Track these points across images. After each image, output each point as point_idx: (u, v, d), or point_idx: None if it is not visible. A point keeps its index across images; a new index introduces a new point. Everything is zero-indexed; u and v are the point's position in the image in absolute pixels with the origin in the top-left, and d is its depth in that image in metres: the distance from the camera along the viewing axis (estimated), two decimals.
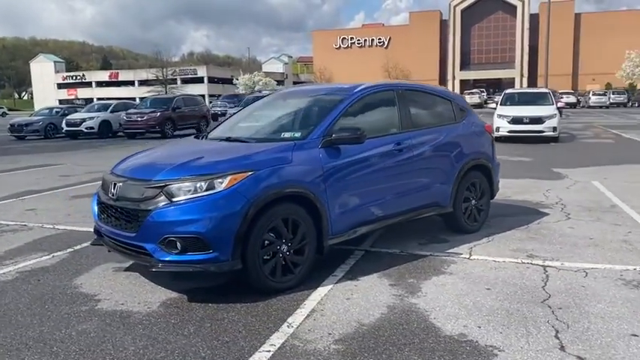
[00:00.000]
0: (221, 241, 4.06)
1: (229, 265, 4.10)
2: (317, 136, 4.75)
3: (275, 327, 3.78)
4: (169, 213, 4.07)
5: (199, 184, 4.12)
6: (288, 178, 4.41)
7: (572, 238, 6.01)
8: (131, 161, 4.96)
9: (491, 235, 6.21)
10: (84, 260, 5.43)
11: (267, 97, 6.29)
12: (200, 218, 4.03)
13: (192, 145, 5.47)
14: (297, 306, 4.15)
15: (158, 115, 22.49)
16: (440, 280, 4.70)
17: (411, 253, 5.55)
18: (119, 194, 4.37)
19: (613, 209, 7.51)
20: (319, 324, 3.82)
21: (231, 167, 4.24)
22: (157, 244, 4.11)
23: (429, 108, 5.99)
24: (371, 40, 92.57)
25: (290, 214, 4.39)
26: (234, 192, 4.11)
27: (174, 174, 4.24)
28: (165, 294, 4.44)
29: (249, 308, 4.13)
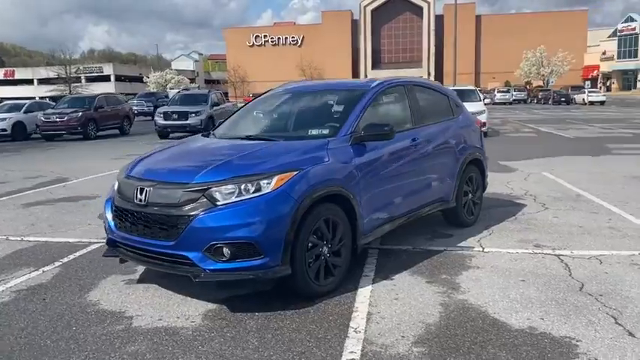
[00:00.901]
0: (272, 245, 3.81)
1: (279, 270, 3.86)
2: (346, 133, 4.60)
3: (342, 333, 3.61)
4: (216, 218, 3.76)
5: (245, 186, 3.84)
6: (329, 177, 4.23)
7: (564, 227, 6.28)
8: (151, 163, 4.55)
9: (488, 227, 6.35)
10: (82, 274, 4.92)
11: (268, 94, 6.00)
12: (251, 222, 3.76)
13: (211, 144, 5.08)
14: (350, 309, 4.00)
15: (80, 115, 21.04)
16: (472, 275, 4.72)
17: (425, 249, 5.54)
18: (150, 200, 3.98)
19: (580, 198, 7.94)
20: (385, 327, 3.69)
21: (277, 167, 3.99)
22: (202, 252, 3.78)
23: (432, 103, 6.00)
24: (284, 38, 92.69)
25: (330, 215, 4.22)
26: (283, 193, 3.88)
27: (216, 175, 3.93)
28: (201, 305, 4.11)
29: (300, 315, 3.91)
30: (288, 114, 5.49)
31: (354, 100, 4.95)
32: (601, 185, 8.95)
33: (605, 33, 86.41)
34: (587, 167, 11.21)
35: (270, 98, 5.88)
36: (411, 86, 5.65)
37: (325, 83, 6.25)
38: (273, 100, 5.83)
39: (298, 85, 5.99)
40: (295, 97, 5.73)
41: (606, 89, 77.28)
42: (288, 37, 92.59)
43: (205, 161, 4.24)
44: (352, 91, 5.24)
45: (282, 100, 5.76)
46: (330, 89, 5.71)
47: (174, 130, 20.81)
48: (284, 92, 5.84)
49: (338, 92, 5.46)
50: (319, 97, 5.54)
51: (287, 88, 5.89)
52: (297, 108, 5.53)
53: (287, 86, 6.01)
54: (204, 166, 4.07)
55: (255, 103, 5.97)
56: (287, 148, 4.37)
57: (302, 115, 5.35)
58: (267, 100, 5.88)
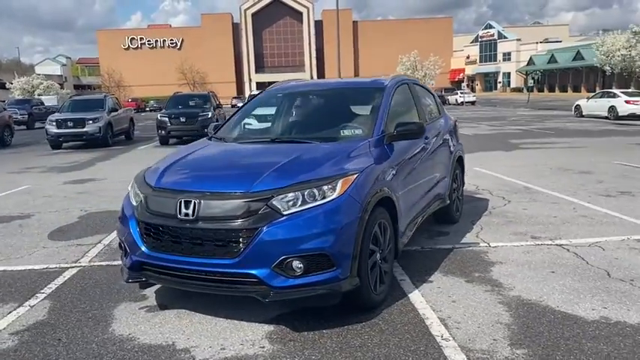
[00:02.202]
0: (343, 255, 3.52)
1: (349, 282, 3.57)
2: (379, 133, 4.41)
3: (431, 342, 3.41)
4: (286, 228, 3.38)
5: (310, 192, 3.50)
6: (381, 178, 4.02)
7: (542, 218, 6.58)
8: (187, 172, 4.00)
9: (474, 223, 6.47)
10: (83, 305, 4.22)
11: (268, 94, 5.55)
12: (322, 231, 3.43)
13: (238, 149, 4.58)
14: (418, 316, 3.81)
15: None
16: (502, 270, 4.74)
17: (433, 248, 5.50)
18: (201, 213, 3.48)
19: (530, 190, 8.41)
20: (470, 332, 3.56)
21: (339, 171, 3.69)
22: (272, 268, 3.38)
23: (427, 102, 5.99)
24: (163, 41, 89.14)
25: (382, 219, 4.00)
26: (349, 198, 3.59)
27: (277, 182, 3.53)
28: (256, 328, 3.69)
29: (372, 328, 3.65)
30: (305, 115, 5.14)
31: (376, 99, 4.77)
32: (537, 178, 9.56)
33: (468, 39, 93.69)
34: (509, 162, 11.95)
35: (273, 99, 5.47)
36: (412, 84, 5.58)
37: (330, 82, 5.94)
38: (278, 100, 5.43)
39: (300, 85, 5.66)
40: (304, 97, 5.39)
41: (471, 90, 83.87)
42: (166, 40, 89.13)
43: (253, 167, 3.82)
44: (369, 90, 5.05)
45: (290, 100, 5.40)
46: (341, 88, 5.46)
47: (69, 140, 19.02)
48: (288, 92, 5.48)
49: (352, 91, 5.24)
50: (332, 97, 5.26)
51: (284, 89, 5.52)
52: (312, 108, 5.21)
53: (284, 86, 5.64)
54: (258, 172, 3.65)
55: (254, 105, 5.51)
56: (334, 151, 4.07)
57: (322, 116, 5.04)
58: (271, 102, 5.46)
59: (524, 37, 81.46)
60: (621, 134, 18.05)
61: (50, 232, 6.64)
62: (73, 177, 11.55)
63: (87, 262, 5.36)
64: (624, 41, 37.65)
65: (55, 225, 7.02)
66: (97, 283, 4.74)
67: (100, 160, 14.66)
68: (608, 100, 26.13)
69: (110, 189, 9.76)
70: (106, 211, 7.79)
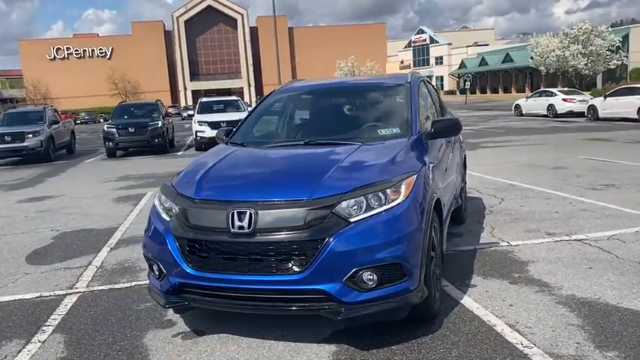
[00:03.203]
0: (414, 263, 3.23)
1: (419, 293, 3.28)
2: (417, 131, 4.16)
3: (515, 352, 3.18)
4: (357, 237, 3.06)
5: (375, 196, 3.19)
6: (430, 179, 3.76)
7: (545, 214, 6.56)
8: (231, 180, 3.58)
9: (481, 222, 6.36)
10: (104, 336, 3.70)
11: (278, 96, 5.13)
12: (393, 238, 3.13)
13: (272, 153, 4.16)
14: (483, 323, 3.57)
15: None
16: (539, 269, 4.60)
17: (457, 250, 5.32)
18: (260, 225, 3.09)
19: (516, 187, 8.44)
20: (547, 336, 3.36)
21: (398, 172, 3.40)
22: (343, 282, 3.04)
23: (436, 99, 5.80)
24: (91, 50, 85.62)
25: (434, 222, 3.75)
26: (414, 201, 3.31)
27: (339, 187, 3.19)
28: (317, 349, 3.32)
29: (443, 340, 3.38)
30: (329, 115, 4.78)
31: (403, 96, 4.52)
32: (515, 175, 9.66)
33: (402, 44, 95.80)
34: (479, 160, 12.04)
35: (286, 100, 5.06)
36: (426, 81, 5.37)
37: (347, 81, 5.60)
38: (294, 102, 5.04)
39: (316, 85, 5.30)
40: (325, 97, 5.05)
41: None
42: (95, 50, 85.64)
43: (308, 172, 3.47)
44: (394, 87, 4.79)
45: (308, 100, 5.05)
46: (363, 86, 5.17)
47: (7, 155, 17.67)
48: (302, 92, 5.13)
49: (376, 89, 4.97)
50: (354, 96, 4.95)
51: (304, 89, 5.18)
52: (335, 108, 4.86)
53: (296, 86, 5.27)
54: (316, 176, 3.30)
55: (266, 107, 5.08)
56: (383, 151, 3.77)
57: (348, 116, 4.71)
58: (285, 102, 5.05)
59: (454, 41, 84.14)
60: (567, 131, 18.77)
61: (27, 256, 5.95)
62: (26, 195, 10.63)
63: (85, 287, 4.79)
64: (558, 42, 39.53)
65: (29, 248, 6.32)
66: (107, 310, 4.22)
67: (48, 176, 13.65)
68: (546, 99, 27.23)
69: (74, 206, 9.02)
70: (82, 229, 7.13)
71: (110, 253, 5.90)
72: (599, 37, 38.64)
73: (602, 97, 23.37)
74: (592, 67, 39.03)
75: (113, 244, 6.29)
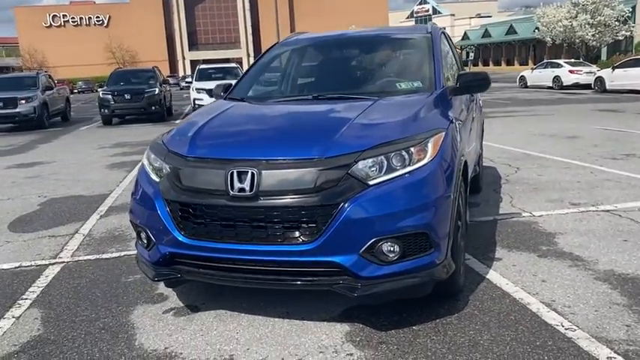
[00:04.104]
0: (442, 234, 2.80)
1: (446, 267, 2.86)
2: (442, 86, 3.68)
3: (556, 335, 2.77)
4: (376, 203, 2.62)
5: (398, 155, 2.74)
6: (459, 138, 3.31)
7: (566, 184, 6.12)
8: (233, 136, 3.12)
9: (498, 191, 5.93)
10: (87, 312, 3.28)
11: (283, 47, 4.61)
12: (420, 204, 2.69)
13: (280, 108, 3.72)
14: (515, 301, 3.16)
15: None
16: (570, 242, 4.18)
17: (474, 220, 4.87)
18: (263, 187, 2.64)
19: (531, 157, 7.99)
20: (590, 317, 2.95)
21: (423, 128, 2.94)
22: (360, 253, 2.62)
23: (457, 54, 5.28)
24: (88, 18, 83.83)
25: (461, 187, 3.30)
26: (442, 161, 2.86)
27: (358, 143, 2.74)
28: (328, 329, 2.91)
29: (471, 320, 2.97)
30: (342, 68, 4.26)
31: (424, 48, 4.03)
32: (529, 144, 9.19)
33: (404, 14, 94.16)
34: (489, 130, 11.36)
35: (290, 53, 4.54)
36: (446, 34, 4.85)
37: (362, 32, 5.05)
38: (299, 55, 4.52)
39: (326, 36, 4.77)
40: (332, 49, 4.55)
41: None
42: (92, 17, 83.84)
43: (321, 127, 3.01)
44: (414, 38, 4.30)
45: (315, 53, 4.53)
46: (380, 36, 4.66)
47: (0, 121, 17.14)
48: (308, 45, 4.61)
49: (394, 40, 4.46)
50: (371, 47, 4.43)
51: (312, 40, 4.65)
52: (348, 60, 4.36)
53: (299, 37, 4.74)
54: (330, 132, 2.84)
55: (268, 60, 4.56)
56: (405, 106, 3.31)
57: (364, 68, 4.21)
58: (289, 56, 4.53)
59: (456, 12, 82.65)
60: (575, 102, 18.23)
61: (10, 223, 5.53)
62: (15, 161, 10.17)
63: (69, 257, 4.37)
64: (565, 12, 38.58)
65: (13, 215, 5.89)
66: (92, 282, 3.81)
67: (40, 143, 13.16)
68: (552, 70, 26.56)
69: (65, 172, 8.57)
70: (71, 196, 6.69)
71: (100, 220, 5.48)
72: (608, 7, 37.70)
73: (609, 69, 22.76)
74: (599, 37, 38.19)
75: (103, 211, 5.86)
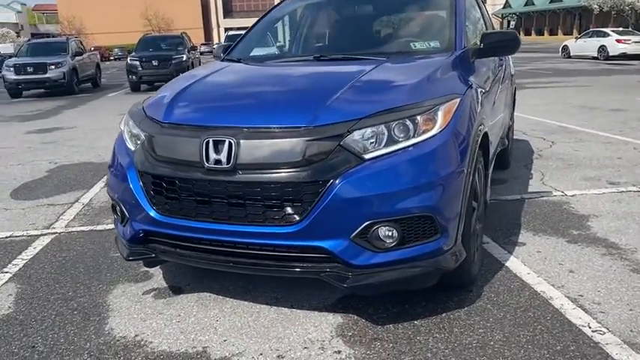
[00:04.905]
0: (451, 217, 2.41)
1: (455, 255, 2.47)
2: (463, 47, 3.23)
3: (580, 339, 2.38)
4: (371, 180, 2.24)
5: (401, 125, 2.35)
6: (478, 106, 2.88)
7: (605, 160, 5.59)
8: (214, 100, 2.79)
9: (528, 167, 5.45)
10: (64, 289, 3.04)
11: (288, 9, 4.19)
12: (425, 182, 2.31)
13: (274, 70, 3.38)
14: (535, 294, 2.76)
15: None
16: (605, 226, 3.72)
17: (499, 199, 4.46)
18: (241, 159, 2.30)
19: (568, 130, 7.42)
20: (623, 318, 2.54)
21: (433, 94, 2.53)
22: (351, 238, 2.26)
23: (486, 13, 4.77)
24: None
25: (479, 163, 2.89)
26: (455, 133, 2.45)
27: (353, 110, 2.36)
28: (318, 320, 2.59)
29: (481, 316, 2.60)
30: (351, 25, 3.86)
31: (446, 3, 3.55)
32: (567, 117, 8.57)
33: None
34: (526, 101, 10.84)
35: (297, 10, 4.15)
36: None
37: None
38: (306, 12, 4.11)
39: None
40: (342, 6, 4.11)
41: None
42: None
43: (312, 91, 2.64)
44: None
45: (323, 10, 4.12)
46: None
47: (30, 87, 17.17)
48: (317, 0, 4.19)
49: None
50: (384, 3, 3.98)
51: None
52: (359, 17, 3.94)
53: None
54: (321, 97, 2.46)
55: (274, 18, 4.16)
56: (416, 68, 2.90)
57: (376, 26, 3.78)
58: (295, 13, 4.14)
59: None
60: (622, 73, 17.19)
61: (13, 190, 5.36)
62: (37, 126, 10.08)
63: (63, 228, 4.15)
64: None
65: (19, 181, 5.73)
66: (79, 256, 3.57)
67: (66, 108, 13.10)
68: (598, 39, 25.18)
69: (81, 138, 8.40)
70: (81, 162, 6.51)
71: (103, 189, 5.25)
72: None
73: None
74: None
75: None
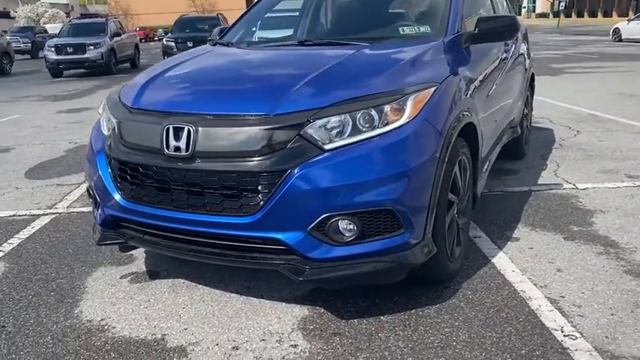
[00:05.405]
0: (415, 210, 2.31)
1: (424, 250, 2.38)
2: (455, 32, 3.08)
3: (549, 343, 2.26)
4: (330, 171, 2.17)
5: (365, 115, 2.26)
6: (462, 96, 2.75)
7: (629, 152, 5.30)
8: (181, 86, 2.78)
9: (545, 157, 5.22)
10: (48, 270, 3.11)
11: None
12: (387, 175, 2.22)
13: (253, 54, 3.33)
14: (514, 296, 2.64)
15: None
16: (610, 223, 3.53)
17: (505, 191, 4.29)
18: (199, 147, 2.27)
19: (598, 119, 7.06)
20: (601, 323, 2.40)
21: (405, 82, 2.42)
22: (308, 231, 2.20)
23: None
24: None
25: (462, 155, 2.76)
26: (424, 124, 2.35)
27: (315, 99, 2.29)
28: (284, 311, 2.55)
29: (451, 315, 2.50)
30: (343, 8, 3.77)
31: None
32: (601, 104, 8.16)
33: None
34: (560, 87, 10.47)
35: None
36: None
37: None
38: None
39: None
40: None
41: None
42: None
43: (277, 79, 2.58)
44: None
45: None
46: None
47: (70, 67, 17.65)
48: None
49: None
50: None
51: None
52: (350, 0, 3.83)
53: None
54: (285, 85, 2.40)
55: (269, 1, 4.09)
56: (394, 55, 2.79)
57: (368, 9, 3.67)
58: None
59: None
60: None
61: (29, 169, 5.51)
62: (69, 106, 10.35)
63: (64, 208, 4.24)
64: None
65: (37, 160, 5.89)
66: (72, 236, 3.63)
67: (102, 88, 13.39)
68: None
69: None
70: None
71: None
72: None
73: None
74: None
75: None
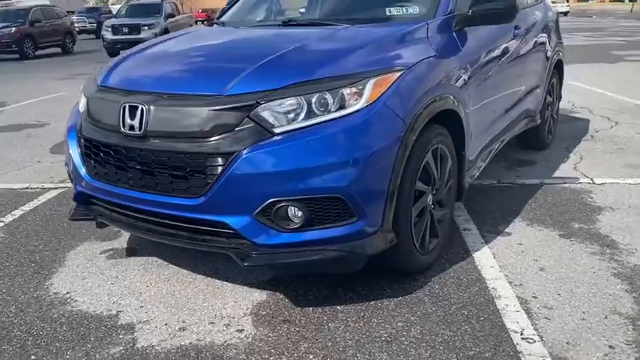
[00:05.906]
0: (370, 199, 2.23)
1: (381, 240, 2.29)
2: (447, 12, 2.93)
3: (502, 346, 2.14)
4: (278, 156, 2.12)
5: (320, 98, 2.18)
6: (444, 82, 2.62)
7: None
8: (144, 66, 2.82)
9: (570, 150, 4.93)
10: (37, 242, 3.23)
11: None
12: (337, 161, 2.14)
13: (232, 33, 3.31)
14: (483, 294, 2.51)
15: (14, 32, 18.05)
16: (616, 221, 3.29)
17: (515, 182, 4.08)
18: (151, 127, 2.27)
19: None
20: (567, 328, 2.24)
21: (369, 65, 2.33)
22: (254, 215, 2.16)
23: None
24: None
25: (439, 143, 2.63)
26: (384, 109, 2.25)
27: (267, 81, 2.24)
28: (241, 296, 2.54)
29: (410, 308, 2.41)
30: None
31: None
32: None
33: None
34: (613, 75, 9.86)
35: None
36: None
37: None
38: None
39: None
40: None
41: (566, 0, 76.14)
42: None
43: (239, 59, 2.54)
44: None
45: None
46: None
47: (125, 47, 18.14)
48: None
49: None
50: None
51: None
52: None
53: None
54: (242, 66, 2.35)
55: None
56: (369, 36, 2.69)
57: None
58: None
59: None
60: None
61: (55, 145, 5.73)
62: None
63: None
64: None
65: None
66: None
67: None
68: None
69: None
70: None
71: None
72: None
73: None
74: None
75: None
